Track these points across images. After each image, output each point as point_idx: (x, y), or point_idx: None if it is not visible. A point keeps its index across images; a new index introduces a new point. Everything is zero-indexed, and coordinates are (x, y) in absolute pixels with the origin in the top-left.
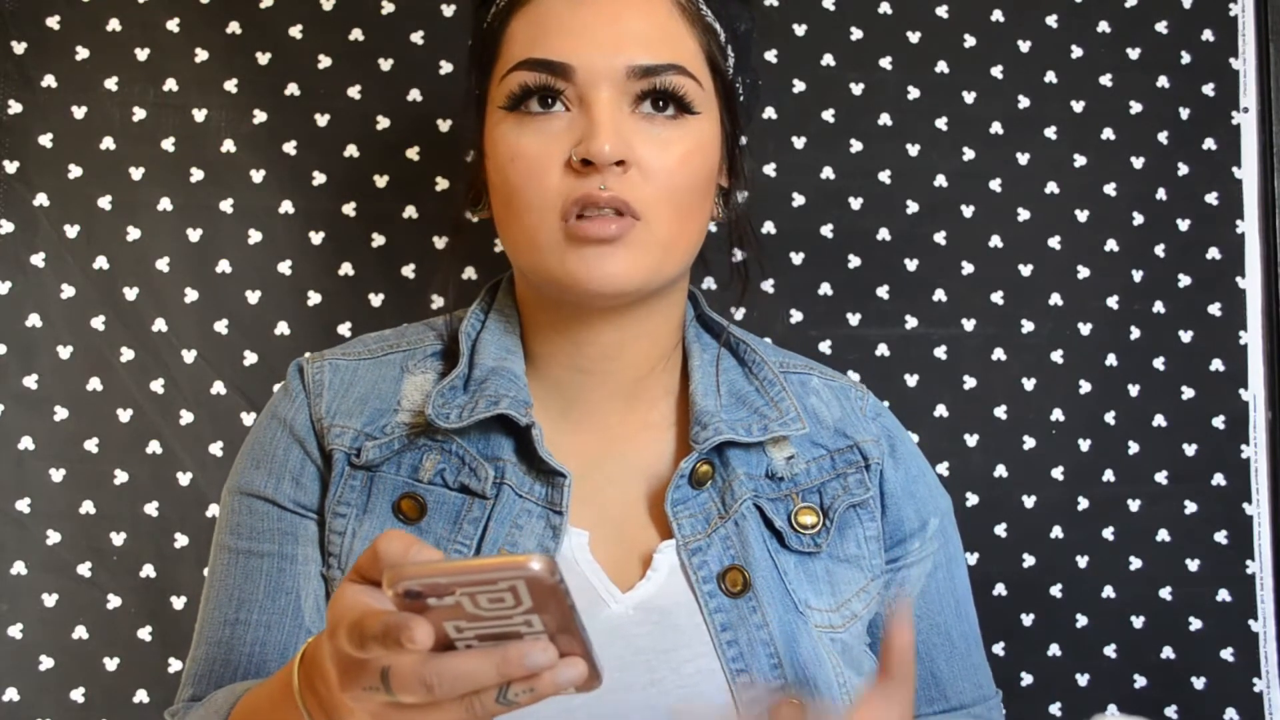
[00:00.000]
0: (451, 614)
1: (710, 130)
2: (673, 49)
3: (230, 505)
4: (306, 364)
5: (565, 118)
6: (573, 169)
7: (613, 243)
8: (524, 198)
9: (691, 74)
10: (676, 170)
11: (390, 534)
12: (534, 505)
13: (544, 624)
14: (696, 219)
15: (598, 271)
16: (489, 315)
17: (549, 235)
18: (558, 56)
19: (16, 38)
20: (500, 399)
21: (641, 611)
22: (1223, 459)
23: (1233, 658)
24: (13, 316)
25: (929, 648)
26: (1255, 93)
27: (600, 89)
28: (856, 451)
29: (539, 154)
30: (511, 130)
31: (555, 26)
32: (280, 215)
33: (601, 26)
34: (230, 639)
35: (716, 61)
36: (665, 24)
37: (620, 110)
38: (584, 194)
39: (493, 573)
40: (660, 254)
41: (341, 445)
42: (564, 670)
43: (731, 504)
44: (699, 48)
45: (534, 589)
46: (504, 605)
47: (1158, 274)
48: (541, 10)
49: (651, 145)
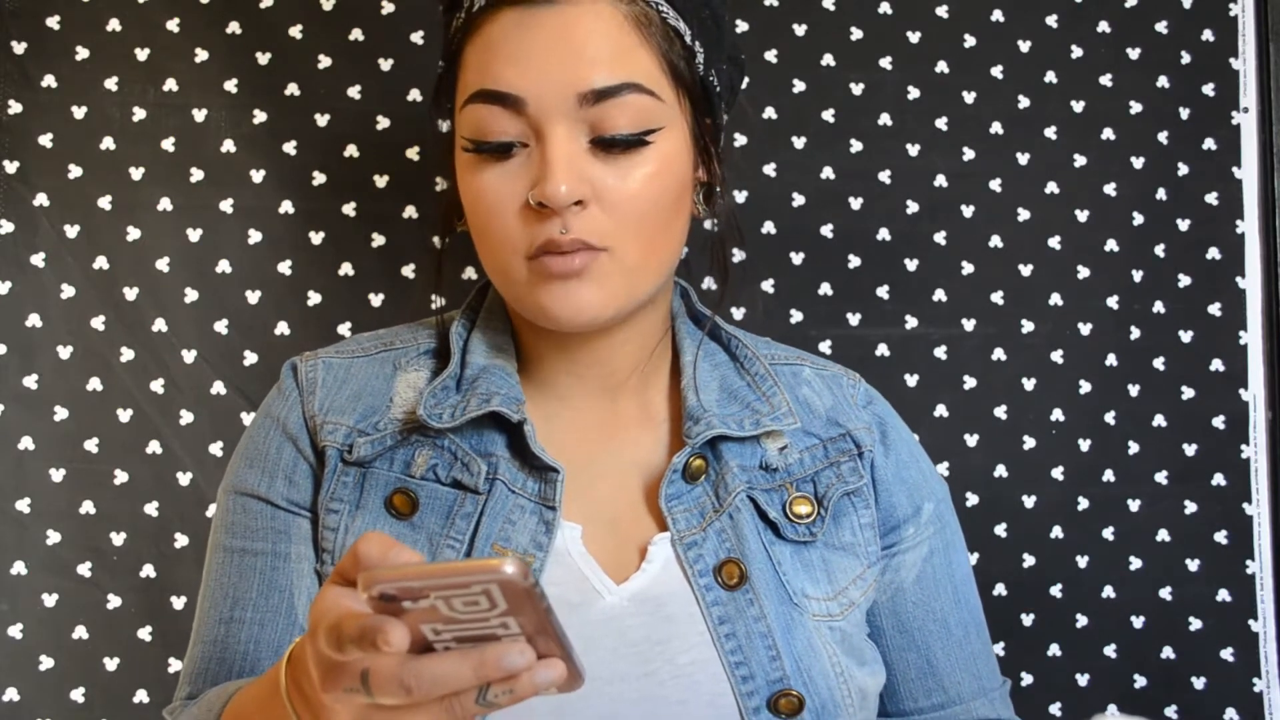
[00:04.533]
0: (428, 617)
1: (675, 142)
2: (627, 66)
3: (225, 504)
4: (300, 362)
5: (522, 154)
6: (532, 210)
7: (579, 276)
8: (491, 236)
9: (649, 89)
10: (640, 195)
11: (369, 536)
12: (527, 501)
13: (520, 626)
14: (668, 235)
15: (568, 306)
16: (478, 316)
17: (518, 272)
18: (507, 87)
19: (16, 38)
20: (492, 396)
21: (636, 603)
22: (1223, 459)
23: (1233, 658)
24: (13, 316)
25: (925, 636)
26: (1255, 93)
27: (554, 123)
28: (849, 439)
29: (499, 197)
30: (473, 169)
31: (504, 51)
32: (280, 215)
33: (550, 49)
34: (225, 637)
35: (678, 68)
36: (618, 39)
37: (575, 144)
38: (546, 239)
39: (466, 576)
40: (630, 280)
41: (334, 442)
42: (542, 672)
43: (725, 497)
44: (658, 58)
45: (508, 592)
46: (479, 608)
47: (1158, 274)
48: (492, 33)
49: (610, 176)
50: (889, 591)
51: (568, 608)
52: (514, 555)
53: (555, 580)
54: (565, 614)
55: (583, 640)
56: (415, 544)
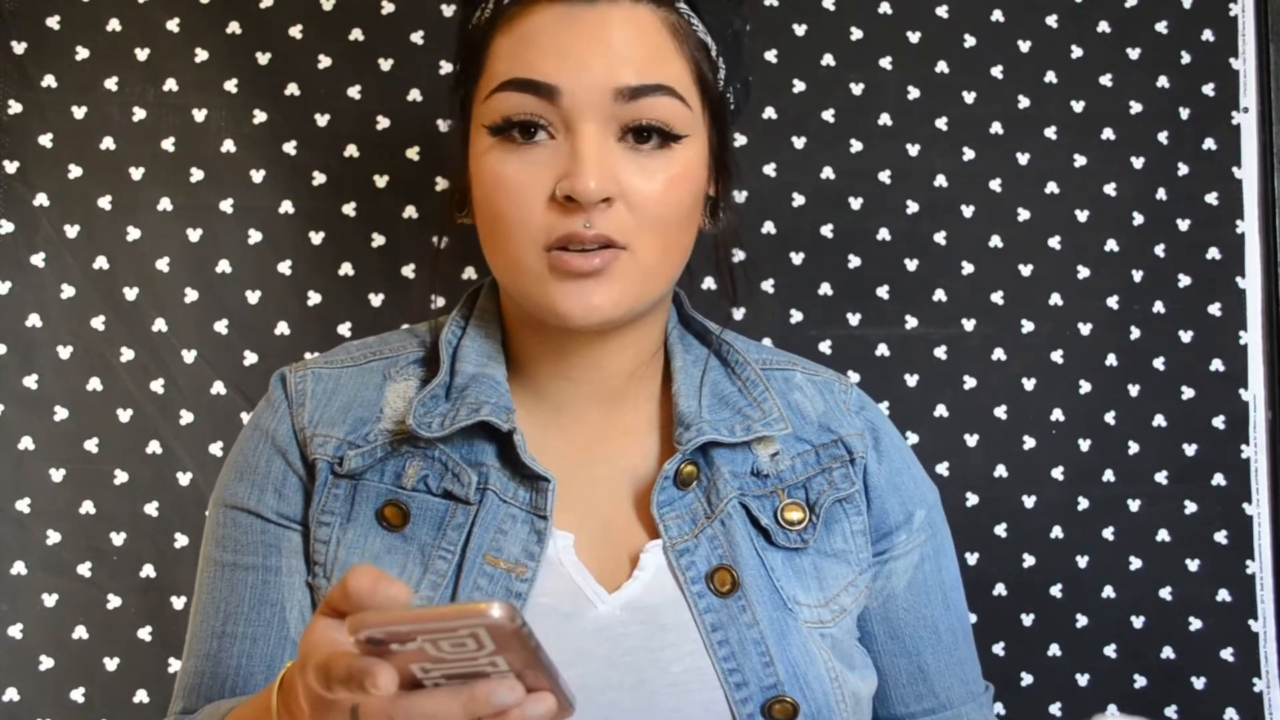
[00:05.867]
0: (416, 657)
1: (697, 152)
2: (661, 70)
3: (215, 518)
4: (289, 373)
5: (549, 146)
6: (557, 203)
7: (596, 276)
8: (508, 226)
9: (680, 95)
10: (662, 198)
11: (359, 570)
12: (518, 510)
13: (509, 663)
14: (682, 242)
15: (581, 304)
16: (469, 322)
17: (532, 264)
18: (543, 77)
19: (16, 38)
20: (482, 406)
21: (629, 611)
22: (1223, 459)
23: (1233, 658)
24: (13, 316)
25: (916, 642)
26: (1255, 93)
27: (586, 119)
28: (841, 446)
29: (523, 185)
30: (496, 156)
31: (541, 44)
32: (280, 215)
33: (588, 45)
34: (218, 652)
35: (706, 80)
36: (655, 43)
37: (605, 142)
38: (568, 232)
39: (453, 621)
40: (644, 281)
41: (324, 455)
42: (531, 706)
43: (717, 503)
44: (689, 67)
45: (496, 635)
46: (467, 649)
47: (1158, 274)
48: (527, 26)
49: (637, 175)
50: (880, 597)
51: (560, 617)
52: (499, 601)
53: (547, 590)
54: (558, 624)
55: (575, 650)
56: (407, 555)
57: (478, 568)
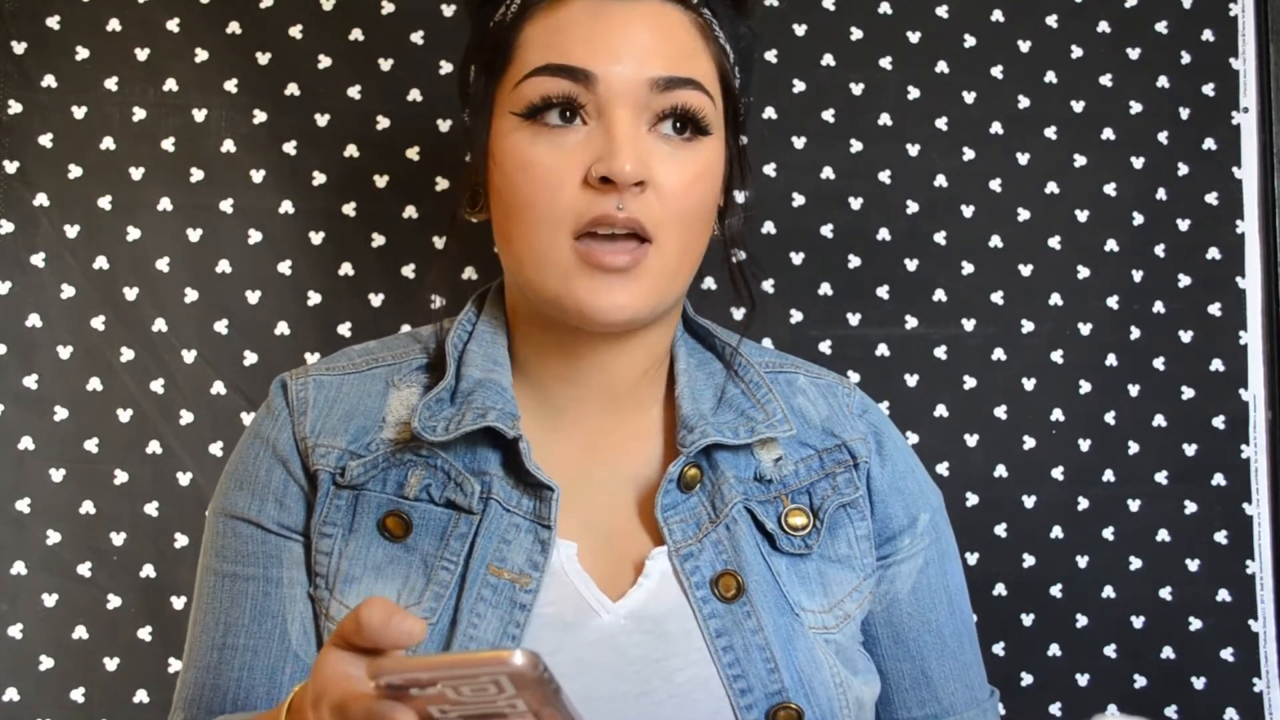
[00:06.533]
0: (435, 700)
1: (719, 151)
2: (692, 65)
3: (215, 527)
4: (290, 380)
5: (582, 131)
6: (590, 186)
7: (624, 273)
8: (534, 211)
9: (708, 91)
10: (689, 191)
11: (371, 603)
12: (521, 519)
13: (528, 703)
14: (700, 241)
15: (606, 301)
16: (476, 325)
17: (558, 253)
18: (580, 63)
19: (16, 38)
20: (487, 411)
21: (633, 620)
22: (1223, 459)
23: (1233, 658)
24: (13, 316)
25: (920, 646)
26: (1255, 93)
27: (621, 104)
28: (844, 450)
29: (554, 168)
30: (525, 140)
31: (576, 33)
32: (280, 215)
33: (623, 37)
34: (218, 663)
35: (729, 81)
36: (685, 40)
37: (639, 129)
38: (601, 213)
39: (476, 668)
40: (667, 280)
41: (326, 465)
42: None
43: (722, 508)
44: (715, 66)
45: (518, 681)
46: (487, 694)
47: (1158, 274)
48: (561, 16)
49: (667, 165)
50: (884, 602)
51: (563, 627)
52: (523, 649)
53: (551, 599)
54: (561, 634)
55: (579, 661)
56: (410, 566)
57: (481, 579)
